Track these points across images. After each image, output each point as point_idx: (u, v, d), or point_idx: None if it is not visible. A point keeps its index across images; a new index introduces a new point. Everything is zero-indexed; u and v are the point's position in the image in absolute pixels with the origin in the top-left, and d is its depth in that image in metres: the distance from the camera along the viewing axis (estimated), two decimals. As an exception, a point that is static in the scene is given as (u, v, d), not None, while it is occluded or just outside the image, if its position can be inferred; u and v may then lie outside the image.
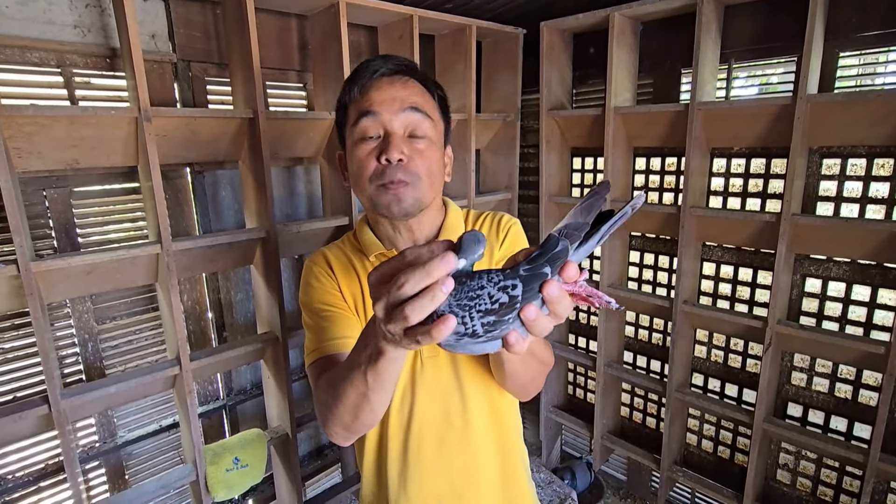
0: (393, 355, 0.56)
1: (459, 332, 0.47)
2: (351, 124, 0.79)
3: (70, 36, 1.44)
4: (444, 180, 0.86)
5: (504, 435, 0.91)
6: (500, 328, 0.48)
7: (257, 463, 1.69)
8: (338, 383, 0.68)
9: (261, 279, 1.73)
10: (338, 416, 0.70)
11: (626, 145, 2.15)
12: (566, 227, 0.49)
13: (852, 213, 1.70)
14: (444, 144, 0.85)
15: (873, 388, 1.75)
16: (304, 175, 2.01)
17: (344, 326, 0.82)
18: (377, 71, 0.79)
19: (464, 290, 0.47)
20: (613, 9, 1.92)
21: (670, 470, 2.15)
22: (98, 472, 1.69)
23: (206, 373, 1.73)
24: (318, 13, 1.75)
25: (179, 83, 1.66)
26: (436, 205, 0.87)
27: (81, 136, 1.31)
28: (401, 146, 0.76)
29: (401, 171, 0.76)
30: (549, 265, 0.47)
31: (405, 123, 0.77)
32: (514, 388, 0.84)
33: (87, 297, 1.58)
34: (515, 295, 0.46)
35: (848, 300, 1.76)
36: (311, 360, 0.82)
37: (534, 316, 0.47)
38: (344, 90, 0.82)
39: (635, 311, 2.34)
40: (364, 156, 0.78)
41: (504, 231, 0.90)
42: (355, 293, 0.87)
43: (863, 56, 1.65)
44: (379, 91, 0.78)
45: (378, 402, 0.66)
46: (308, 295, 0.87)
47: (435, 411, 0.85)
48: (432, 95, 0.83)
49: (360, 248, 0.89)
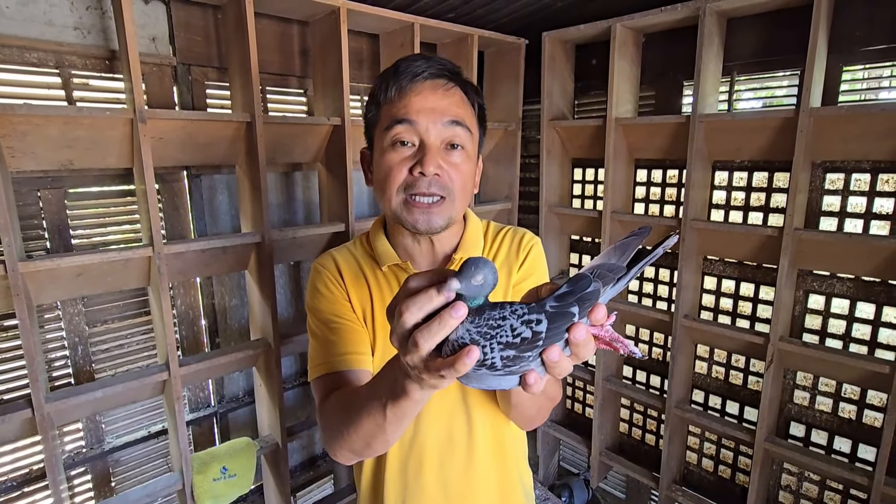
0: (418, 397, 0.54)
1: (477, 363, 0.44)
2: (384, 127, 0.74)
3: (70, 37, 1.44)
4: (474, 192, 0.82)
5: (507, 462, 0.87)
6: (519, 364, 0.45)
7: (246, 473, 1.66)
8: (353, 410, 0.65)
9: (255, 285, 1.71)
10: (347, 442, 0.67)
11: (628, 157, 2.13)
12: (599, 266, 0.46)
13: (856, 228, 1.67)
14: (477, 156, 0.81)
15: (878, 408, 1.70)
16: (302, 181, 2.00)
17: (353, 341, 0.79)
18: (420, 73, 0.73)
19: (484, 318, 0.45)
20: (616, 20, 1.91)
21: (669, 489, 2.10)
22: (84, 478, 1.66)
23: (196, 379, 1.70)
24: (319, 19, 1.75)
25: (179, 86, 1.66)
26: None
27: (76, 136, 1.30)
28: (437, 160, 0.71)
29: (435, 185, 0.71)
30: (578, 305, 0.45)
31: (443, 136, 0.72)
32: (518, 419, 0.81)
33: (78, 300, 1.56)
34: (539, 331, 0.44)
35: (852, 317, 1.72)
36: (316, 373, 0.79)
37: (557, 358, 0.45)
38: (379, 87, 0.76)
39: (635, 324, 2.31)
40: (395, 164, 0.72)
41: (525, 251, 0.85)
42: (364, 304, 0.82)
43: (867, 70, 1.63)
44: (419, 97, 0.72)
45: (393, 434, 0.64)
46: (316, 301, 0.82)
47: (439, 433, 0.82)
48: (472, 104, 0.78)
49: (372, 254, 0.84)
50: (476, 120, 0.79)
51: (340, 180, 1.78)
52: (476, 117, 0.79)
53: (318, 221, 2.01)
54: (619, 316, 2.21)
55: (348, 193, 1.76)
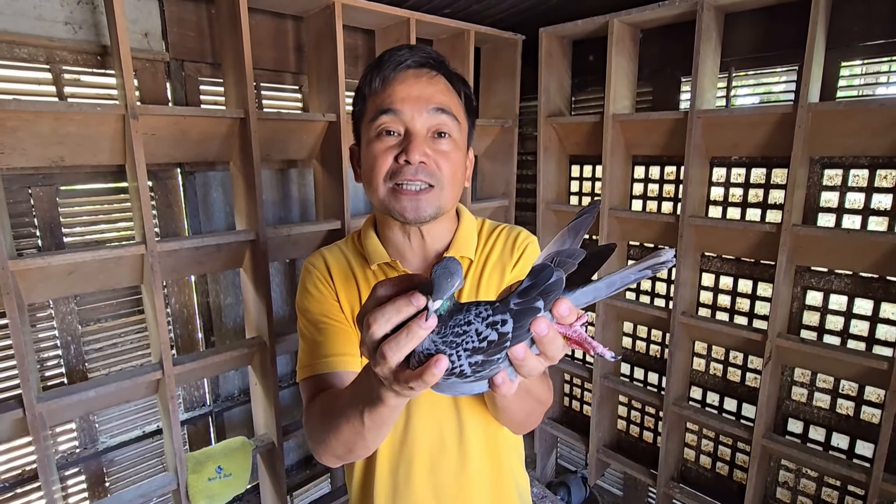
0: (394, 403, 0.53)
1: (446, 372, 0.43)
2: (369, 119, 0.73)
3: (60, 32, 1.42)
4: (465, 185, 0.80)
5: (501, 465, 0.86)
6: (489, 368, 0.44)
7: (241, 472, 1.64)
8: (333, 416, 0.65)
9: (250, 283, 1.70)
10: (330, 447, 0.68)
11: (625, 153, 2.12)
12: (557, 254, 0.44)
13: (854, 224, 1.66)
14: (466, 147, 0.79)
15: (876, 404, 1.70)
16: (297, 178, 1.98)
17: (339, 342, 0.78)
18: (402, 62, 0.72)
19: (450, 325, 0.43)
20: (613, 15, 1.90)
21: (667, 486, 2.09)
22: (78, 478, 1.64)
23: (190, 378, 1.69)
24: (314, 14, 1.73)
25: (172, 82, 1.64)
26: (450, 212, 0.81)
27: (67, 132, 1.29)
28: (423, 147, 0.70)
29: (421, 173, 0.70)
30: (542, 298, 0.43)
31: (429, 124, 0.72)
32: (507, 423, 0.80)
33: (70, 298, 1.55)
34: (505, 332, 0.42)
35: (850, 314, 1.71)
36: (303, 375, 0.79)
37: (522, 355, 0.44)
38: (364, 79, 0.75)
39: (633, 321, 2.30)
40: (380, 153, 0.72)
41: (520, 250, 0.83)
42: (353, 304, 0.81)
43: (865, 65, 1.63)
44: (403, 85, 0.71)
45: (374, 440, 0.64)
46: (305, 301, 0.82)
47: (430, 435, 0.80)
48: (458, 93, 0.77)
49: (363, 253, 0.83)
50: (463, 110, 0.77)
51: (336, 177, 1.76)
52: (463, 107, 0.78)
53: (314, 219, 1.99)
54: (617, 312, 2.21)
55: (344, 190, 1.74)
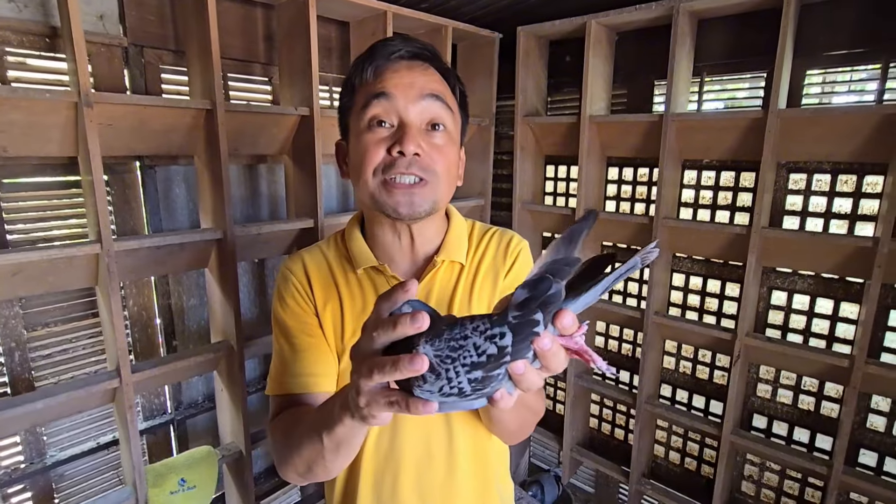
0: (349, 424, 0.52)
1: (444, 391, 0.41)
2: (359, 108, 0.69)
3: (3, 10, 1.30)
4: (458, 183, 0.77)
5: (488, 476, 0.83)
6: (489, 384, 0.41)
7: (206, 484, 1.56)
8: (295, 434, 0.63)
9: (216, 284, 1.61)
10: (292, 465, 0.65)
11: (600, 154, 2.14)
12: (553, 263, 0.42)
13: (817, 227, 1.73)
14: (460, 142, 0.76)
15: (835, 399, 1.78)
16: (267, 174, 1.89)
17: (310, 361, 0.74)
18: (395, 52, 0.69)
19: (444, 339, 0.41)
20: (591, 17, 1.91)
21: (638, 483, 2.13)
22: (23, 495, 1.51)
23: (151, 385, 1.59)
24: (285, 3, 1.65)
25: (130, 69, 1.53)
26: (441, 211, 0.77)
27: (10, 120, 1.17)
28: (417, 138, 0.66)
29: (414, 166, 0.66)
30: (541, 311, 0.41)
31: (423, 114, 0.68)
32: (500, 434, 0.78)
33: (14, 301, 1.42)
34: (504, 346, 0.40)
35: (812, 313, 1.78)
36: (273, 390, 0.75)
37: (522, 370, 0.42)
38: (354, 70, 0.71)
39: (606, 321, 2.33)
40: (371, 144, 0.67)
41: (513, 256, 0.80)
42: (335, 314, 0.76)
43: (827, 74, 1.69)
44: (396, 74, 0.68)
45: (333, 463, 0.61)
46: (281, 312, 0.77)
47: (416, 446, 0.77)
48: (452, 88, 0.74)
49: (347, 256, 0.78)
50: (457, 104, 0.75)
51: (308, 174, 1.69)
52: (457, 102, 0.75)
53: (285, 217, 1.91)
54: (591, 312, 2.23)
55: (317, 188, 1.67)
